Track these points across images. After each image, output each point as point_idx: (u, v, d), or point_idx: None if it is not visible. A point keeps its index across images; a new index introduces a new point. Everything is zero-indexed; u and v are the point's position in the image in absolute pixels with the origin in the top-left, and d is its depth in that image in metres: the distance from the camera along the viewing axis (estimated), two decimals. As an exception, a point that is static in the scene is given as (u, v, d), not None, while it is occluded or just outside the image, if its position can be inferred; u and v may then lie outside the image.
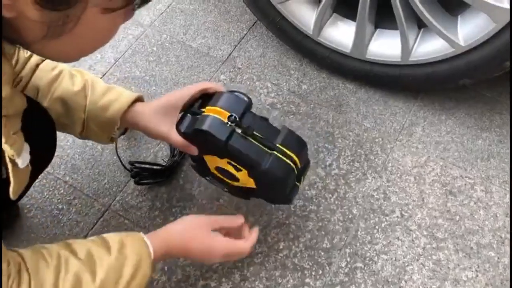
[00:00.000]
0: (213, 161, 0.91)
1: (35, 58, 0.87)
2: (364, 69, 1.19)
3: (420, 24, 1.08)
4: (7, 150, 0.54)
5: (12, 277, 0.61)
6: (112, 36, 0.58)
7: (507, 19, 0.91)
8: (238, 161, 0.86)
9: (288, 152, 0.84)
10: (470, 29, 1.00)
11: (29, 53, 0.87)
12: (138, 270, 0.73)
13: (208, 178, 0.98)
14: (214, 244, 0.83)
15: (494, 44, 0.96)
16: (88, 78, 0.90)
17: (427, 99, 1.23)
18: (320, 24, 1.17)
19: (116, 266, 0.71)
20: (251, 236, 0.88)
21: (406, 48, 1.09)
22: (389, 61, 1.14)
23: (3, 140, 0.53)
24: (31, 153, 0.63)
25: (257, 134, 0.83)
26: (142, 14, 1.40)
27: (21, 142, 0.57)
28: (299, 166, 0.87)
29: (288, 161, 0.84)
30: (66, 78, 0.88)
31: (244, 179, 0.90)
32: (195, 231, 0.82)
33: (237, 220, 0.88)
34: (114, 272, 0.70)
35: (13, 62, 0.84)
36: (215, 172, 0.94)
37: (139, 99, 0.92)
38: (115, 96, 0.89)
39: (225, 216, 0.89)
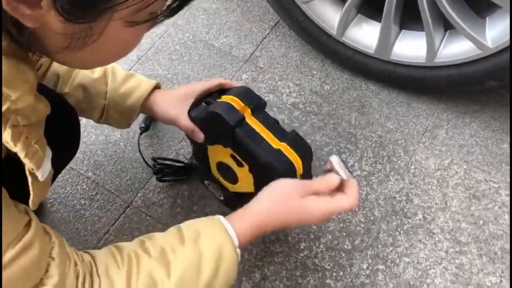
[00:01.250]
0: (216, 155, 0.91)
1: None
2: (387, 70, 1.18)
3: (446, 26, 1.07)
4: (27, 163, 0.53)
5: (81, 280, 0.59)
6: (135, 46, 0.57)
7: (538, 21, 0.89)
8: (241, 152, 0.84)
9: (293, 153, 0.81)
10: (498, 31, 0.98)
11: None
12: (220, 261, 0.65)
13: (207, 182, 0.99)
14: (311, 210, 0.70)
15: (523, 46, 0.95)
16: (109, 65, 0.91)
17: (450, 101, 1.22)
18: (344, 24, 1.16)
19: (193, 259, 0.64)
20: (350, 191, 0.71)
21: (431, 50, 1.08)
22: (413, 62, 1.13)
23: (22, 154, 0.52)
24: (54, 149, 0.63)
25: (265, 129, 0.83)
26: (165, 13, 1.40)
27: (43, 151, 0.56)
28: (301, 171, 0.82)
29: (291, 160, 0.80)
30: None
31: (244, 178, 0.88)
32: (287, 203, 0.70)
33: (333, 181, 0.71)
34: (192, 265, 0.64)
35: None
36: (216, 172, 0.94)
37: (157, 86, 0.93)
38: (136, 84, 0.91)
39: (318, 178, 0.73)
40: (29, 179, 0.55)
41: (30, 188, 0.56)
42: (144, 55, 1.32)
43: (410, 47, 1.13)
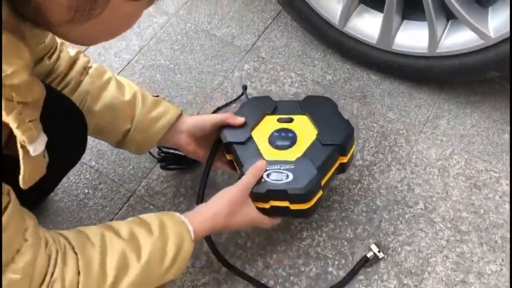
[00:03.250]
0: (263, 132, 0.94)
1: (81, 61, 0.89)
2: (389, 60, 1.18)
3: (449, 16, 1.07)
4: (18, 135, 0.53)
5: (54, 257, 0.62)
6: (135, 22, 0.59)
7: (540, 10, 0.89)
8: (285, 106, 0.99)
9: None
10: (500, 21, 0.99)
11: (72, 53, 0.88)
12: (181, 249, 0.75)
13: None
14: (247, 220, 0.87)
15: (525, 36, 0.95)
16: (137, 89, 0.92)
17: (452, 92, 1.22)
18: (346, 15, 1.16)
19: (159, 246, 0.73)
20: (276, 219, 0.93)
21: (433, 40, 1.08)
22: (415, 52, 1.13)
23: (14, 125, 0.52)
24: (59, 150, 0.64)
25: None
26: (167, 3, 1.40)
27: (37, 131, 0.57)
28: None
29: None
30: (114, 86, 0.90)
31: (302, 128, 0.93)
32: (234, 208, 0.84)
33: (260, 167, 0.87)
34: (158, 251, 0.72)
35: (50, 56, 0.85)
36: (270, 151, 0.91)
37: (181, 114, 0.95)
38: (164, 109, 0.92)
39: (247, 172, 0.86)
40: (20, 153, 0.55)
41: (21, 163, 0.56)
42: (146, 45, 1.32)
43: (412, 37, 1.13)
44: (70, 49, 0.89)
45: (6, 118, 0.51)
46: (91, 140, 1.15)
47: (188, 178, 1.10)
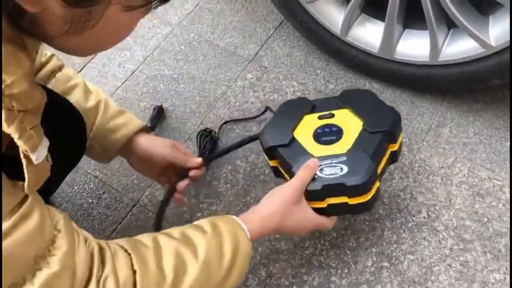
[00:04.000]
0: (306, 130, 0.92)
1: (51, 65, 0.89)
2: (391, 69, 1.19)
3: (450, 24, 1.07)
4: (21, 145, 0.53)
5: (98, 253, 0.61)
6: (131, 32, 0.59)
7: (541, 19, 0.90)
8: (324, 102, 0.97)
9: None
10: (501, 30, 0.99)
11: (45, 58, 0.89)
12: (238, 248, 0.72)
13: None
14: (305, 221, 0.83)
15: (526, 45, 0.96)
16: (103, 98, 0.92)
17: (454, 100, 1.22)
18: (348, 24, 1.17)
19: (215, 244, 0.70)
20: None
21: (435, 49, 1.09)
22: (417, 61, 1.14)
23: (16, 135, 0.52)
24: (59, 150, 0.64)
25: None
26: (170, 14, 1.42)
27: (39, 138, 0.57)
28: None
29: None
30: (80, 91, 0.90)
31: (345, 121, 0.90)
32: (287, 209, 0.80)
33: (313, 165, 0.84)
34: (215, 250, 0.70)
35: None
36: (316, 148, 0.88)
37: (144, 129, 0.94)
38: (124, 121, 0.91)
39: (300, 170, 0.83)
40: (24, 162, 0.55)
41: (25, 171, 0.56)
42: (150, 55, 1.33)
43: (414, 46, 1.14)
44: (47, 52, 0.89)
45: (7, 130, 0.52)
46: (95, 150, 1.16)
47: (191, 187, 1.11)
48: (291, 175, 0.84)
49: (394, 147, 0.89)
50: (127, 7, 0.52)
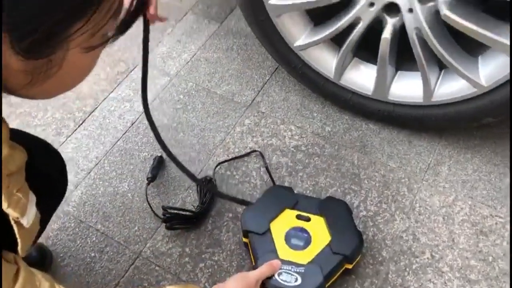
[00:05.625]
0: (281, 227, 1.02)
1: None
2: (387, 110, 1.21)
3: (441, 65, 1.10)
4: (11, 213, 0.53)
5: None
6: (93, 68, 0.59)
7: (528, 59, 0.92)
8: (306, 203, 1.06)
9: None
10: (491, 70, 1.01)
11: None
12: None
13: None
14: None
15: (517, 84, 0.97)
16: None
17: (451, 137, 1.23)
18: (341, 68, 1.19)
19: None
20: None
21: (428, 89, 1.11)
22: (411, 102, 1.15)
23: (5, 204, 0.52)
24: (41, 192, 0.63)
25: None
26: (169, 64, 1.45)
27: (26, 197, 0.56)
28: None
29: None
30: None
31: (316, 229, 1.00)
32: None
33: (276, 266, 0.95)
34: None
35: None
36: (285, 250, 0.98)
37: None
38: None
39: (264, 266, 0.95)
40: (15, 228, 0.55)
41: (17, 236, 0.56)
42: (149, 106, 1.36)
43: (407, 88, 1.16)
44: None
45: None
46: (96, 203, 1.17)
47: (193, 236, 1.11)
48: (256, 262, 0.97)
49: (349, 266, 1.00)
50: (87, 48, 0.52)
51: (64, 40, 0.49)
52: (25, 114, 1.36)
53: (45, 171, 0.80)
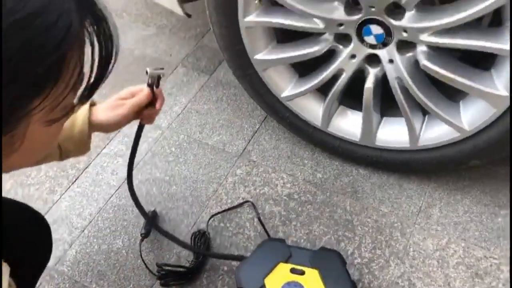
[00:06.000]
0: (276, 282, 1.01)
1: None
2: (375, 156, 1.23)
3: (425, 111, 1.13)
4: None
5: None
6: (58, 136, 0.60)
7: (506, 105, 0.95)
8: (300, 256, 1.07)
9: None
10: (472, 114, 1.04)
11: None
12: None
13: None
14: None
15: (498, 128, 1.00)
16: None
17: (440, 179, 1.25)
18: (328, 116, 1.22)
19: None
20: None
21: (413, 135, 1.13)
22: (398, 147, 1.18)
23: None
24: (26, 256, 0.62)
25: None
26: (160, 117, 1.48)
27: None
28: None
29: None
30: None
31: (311, 283, 1.00)
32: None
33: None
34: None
35: None
36: None
37: (92, 104, 0.97)
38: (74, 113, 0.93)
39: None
40: None
41: None
42: (142, 160, 1.38)
43: (393, 133, 1.18)
44: None
45: None
46: (91, 262, 1.17)
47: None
48: None
49: None
50: (49, 122, 0.53)
51: (24, 116, 0.49)
52: (19, 173, 1.37)
53: (29, 239, 0.80)
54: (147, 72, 0.92)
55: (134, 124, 1.00)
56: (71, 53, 0.50)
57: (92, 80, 0.55)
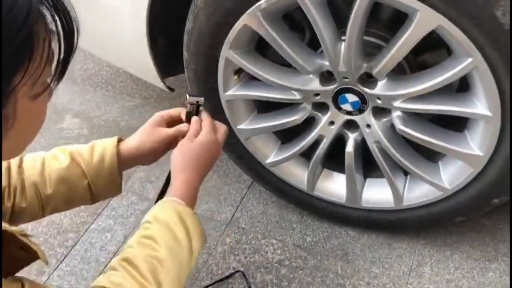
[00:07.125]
0: None
1: (13, 165, 0.90)
2: (362, 216, 1.24)
3: (406, 171, 1.15)
4: None
5: None
6: (45, 116, 0.64)
7: (482, 164, 0.97)
8: None
9: None
10: (452, 174, 1.06)
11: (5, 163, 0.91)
12: (181, 217, 0.80)
13: None
14: (205, 144, 0.93)
15: (478, 185, 1.02)
16: (70, 149, 0.94)
17: (429, 236, 1.25)
18: (312, 180, 1.24)
19: (164, 230, 0.78)
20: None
21: (397, 195, 1.15)
22: (384, 207, 1.19)
23: None
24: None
25: None
26: (147, 189, 1.49)
27: None
28: None
29: None
30: (51, 161, 0.92)
31: None
32: (186, 155, 0.90)
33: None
34: (166, 233, 0.78)
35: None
36: None
37: (120, 139, 0.96)
38: (102, 147, 0.94)
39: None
40: None
41: None
42: (130, 233, 1.37)
43: (378, 194, 1.20)
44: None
45: None
46: None
47: None
48: None
49: None
50: (33, 97, 0.58)
51: (11, 93, 0.54)
52: (6, 255, 1.35)
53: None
54: (186, 98, 0.93)
55: (124, 197, 1.00)
56: (37, 27, 0.55)
57: (62, 54, 0.60)
